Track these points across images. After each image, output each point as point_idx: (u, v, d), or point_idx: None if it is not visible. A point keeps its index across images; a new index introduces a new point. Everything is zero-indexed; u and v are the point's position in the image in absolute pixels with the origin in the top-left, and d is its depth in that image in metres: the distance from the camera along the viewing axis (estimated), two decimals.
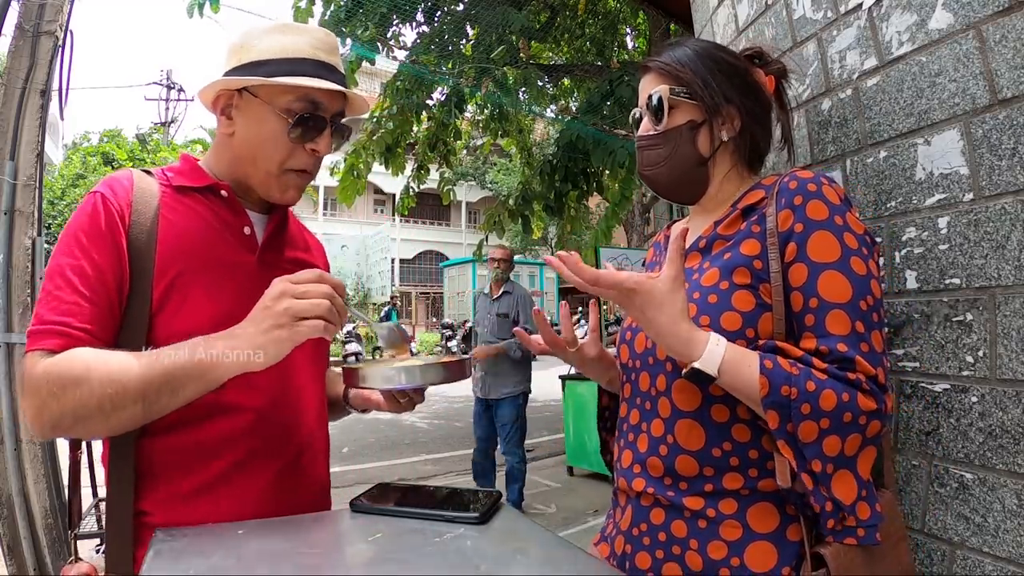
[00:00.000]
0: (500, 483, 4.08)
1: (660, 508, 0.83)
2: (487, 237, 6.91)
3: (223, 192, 0.92)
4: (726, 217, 0.87)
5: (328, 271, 1.06)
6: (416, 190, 7.32)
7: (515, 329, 1.03)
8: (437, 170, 7.58)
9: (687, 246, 0.90)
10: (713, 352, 0.71)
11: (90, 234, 0.82)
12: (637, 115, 0.95)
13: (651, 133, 0.90)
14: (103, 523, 2.53)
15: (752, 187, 0.88)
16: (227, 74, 0.90)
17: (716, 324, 0.78)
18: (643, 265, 1.10)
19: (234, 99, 0.90)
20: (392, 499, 0.83)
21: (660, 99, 0.88)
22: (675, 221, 1.06)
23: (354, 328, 12.63)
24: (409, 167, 7.10)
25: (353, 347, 12.43)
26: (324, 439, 1.01)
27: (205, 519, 0.80)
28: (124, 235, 0.83)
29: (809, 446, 0.69)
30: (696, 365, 0.71)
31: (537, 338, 0.95)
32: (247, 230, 0.93)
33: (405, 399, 0.93)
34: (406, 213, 7.96)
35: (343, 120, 0.95)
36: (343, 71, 0.94)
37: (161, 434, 0.82)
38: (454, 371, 0.85)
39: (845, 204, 0.78)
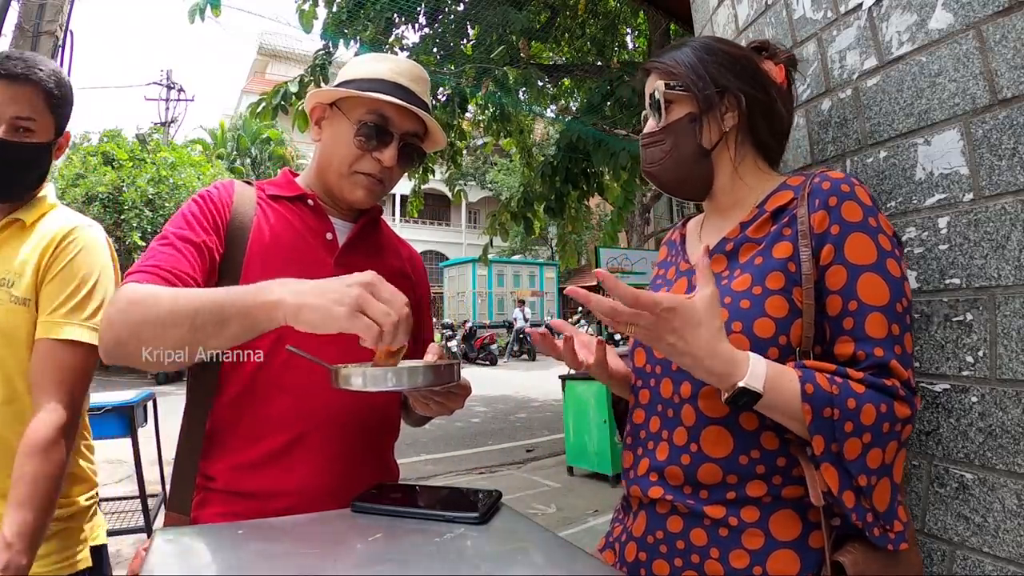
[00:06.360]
0: (498, 483, 4.08)
1: (678, 516, 0.81)
2: (491, 240, 6.90)
3: (310, 201, 1.03)
4: (755, 219, 0.85)
5: (423, 282, 1.16)
6: (418, 191, 7.32)
7: (528, 329, 1.04)
8: (444, 171, 7.58)
9: (712, 247, 0.87)
10: (756, 368, 0.69)
11: (196, 213, 0.94)
12: (645, 115, 0.94)
13: (653, 130, 0.90)
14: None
15: (779, 188, 0.86)
16: None
17: (748, 330, 0.76)
18: (656, 264, 1.08)
19: (326, 112, 1.02)
20: (392, 499, 0.83)
21: (656, 96, 0.88)
22: (690, 218, 1.04)
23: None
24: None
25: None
26: (393, 421, 1.07)
27: (263, 489, 0.89)
28: (225, 224, 0.95)
29: (854, 462, 0.68)
30: (743, 383, 0.68)
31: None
32: (329, 235, 1.02)
33: (433, 402, 0.92)
34: (415, 215, 7.94)
35: (423, 147, 1.05)
36: (426, 100, 1.03)
37: (226, 407, 0.92)
38: (442, 374, 0.81)
39: (875, 205, 0.78)
